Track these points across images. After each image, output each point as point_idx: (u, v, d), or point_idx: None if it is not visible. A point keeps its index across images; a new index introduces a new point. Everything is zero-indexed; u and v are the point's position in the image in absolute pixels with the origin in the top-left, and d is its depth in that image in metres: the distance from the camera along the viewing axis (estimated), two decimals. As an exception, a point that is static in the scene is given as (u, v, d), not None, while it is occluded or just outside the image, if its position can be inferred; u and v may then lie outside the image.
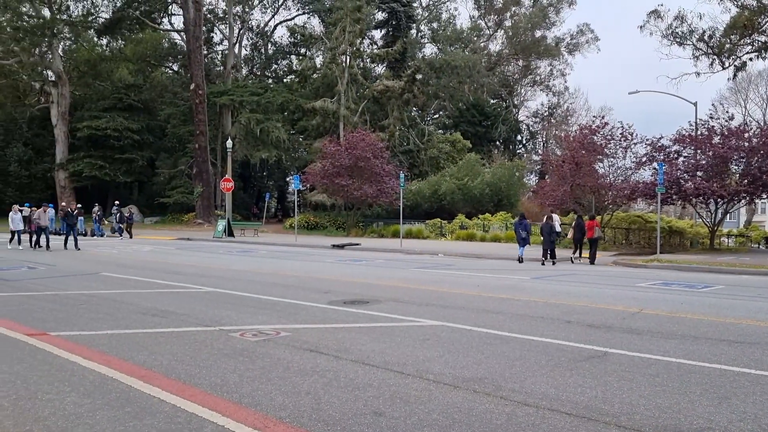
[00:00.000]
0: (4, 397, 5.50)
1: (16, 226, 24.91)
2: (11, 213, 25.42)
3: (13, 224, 24.95)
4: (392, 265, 19.22)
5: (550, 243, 20.84)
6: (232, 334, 8.14)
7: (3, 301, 11.18)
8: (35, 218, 24.84)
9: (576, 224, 22.47)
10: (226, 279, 14.51)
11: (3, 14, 48.60)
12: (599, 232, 22.24)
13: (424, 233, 34.23)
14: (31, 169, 52.61)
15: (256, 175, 61.49)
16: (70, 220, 25.56)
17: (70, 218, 25.72)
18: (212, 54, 61.64)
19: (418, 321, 9.19)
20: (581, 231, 21.91)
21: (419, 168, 47.97)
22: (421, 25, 64.81)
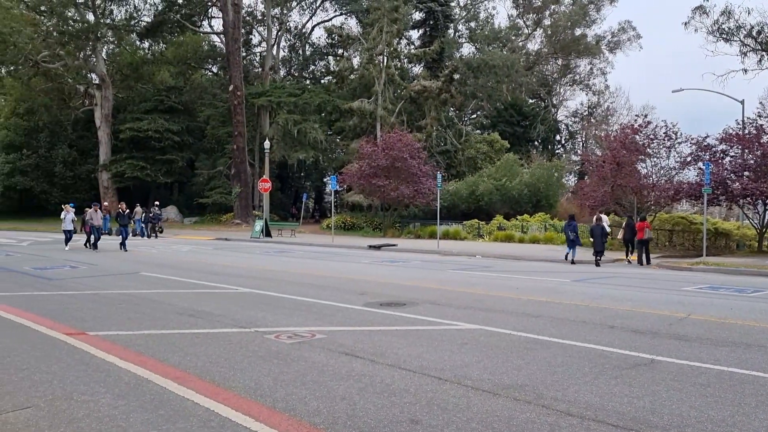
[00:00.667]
0: (40, 397, 5.51)
1: (67, 226, 24.83)
2: (63, 213, 25.47)
3: (65, 224, 24.93)
4: (429, 266, 19.03)
5: (602, 244, 20.74)
6: (267, 336, 8.07)
7: (45, 299, 11.35)
8: (88, 218, 24.72)
9: (627, 225, 22.48)
10: (263, 279, 14.52)
11: (49, 19, 49.82)
12: (650, 233, 21.83)
13: (461, 234, 33.92)
14: (76, 170, 53.80)
15: (294, 175, 61.85)
16: (123, 221, 25.51)
17: (122, 219, 25.67)
18: (251, 56, 62.23)
19: (455, 324, 9.00)
20: (632, 232, 21.84)
21: (456, 168, 47.62)
22: (458, 24, 64.40)
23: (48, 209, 52.60)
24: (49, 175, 53.24)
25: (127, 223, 25.65)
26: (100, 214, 25.36)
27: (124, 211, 26.26)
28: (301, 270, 17.08)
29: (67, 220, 24.94)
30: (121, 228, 25.25)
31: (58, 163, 53.09)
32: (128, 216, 26.20)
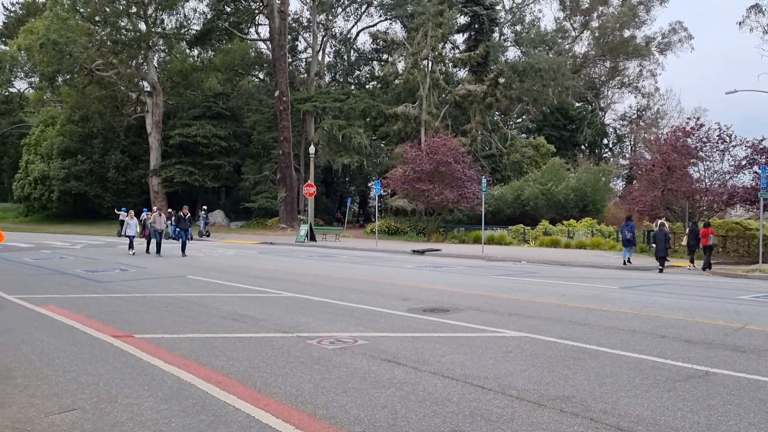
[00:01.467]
0: (86, 400, 5.58)
1: (130, 232, 24.72)
2: (127, 218, 25.34)
3: (129, 229, 24.81)
4: (473, 272, 18.82)
5: (665, 250, 20.50)
6: (309, 341, 8.05)
7: (95, 302, 11.59)
8: (151, 222, 24.52)
9: (690, 230, 22.12)
10: (306, 284, 14.56)
11: (103, 29, 51.25)
12: (714, 239, 21.32)
13: (506, 239, 33.51)
14: (128, 175, 55.17)
15: (338, 180, 62.17)
16: (183, 225, 24.47)
17: (182, 223, 24.59)
18: (296, 62, 62.86)
19: (500, 332, 8.83)
20: (696, 237, 21.52)
21: (501, 173, 47.13)
22: (503, 28, 63.85)
23: (101, 213, 54.09)
24: (103, 180, 54.71)
25: (188, 228, 24.68)
26: (163, 218, 24.96)
27: (186, 215, 24.95)
28: (344, 275, 17.09)
29: (131, 225, 24.89)
30: (182, 232, 24.24)
31: (111, 169, 54.53)
32: (190, 220, 25.21)
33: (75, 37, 46.70)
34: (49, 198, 55.57)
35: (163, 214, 25.07)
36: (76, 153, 54.72)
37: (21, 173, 58.54)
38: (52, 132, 56.58)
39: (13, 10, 71.75)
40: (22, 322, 9.50)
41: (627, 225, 22.18)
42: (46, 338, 8.31)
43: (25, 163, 58.21)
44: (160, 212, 24.82)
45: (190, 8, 58.06)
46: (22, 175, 58.26)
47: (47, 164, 55.08)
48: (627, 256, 21.86)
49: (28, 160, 57.77)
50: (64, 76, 52.12)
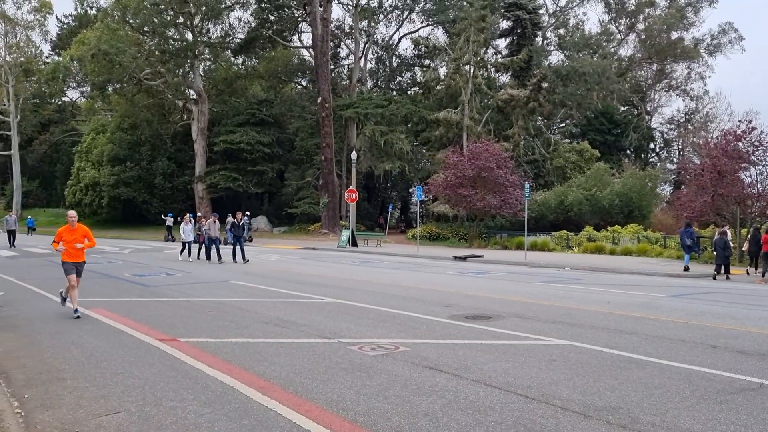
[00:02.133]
0: (132, 402, 5.68)
1: (187, 237, 24.21)
2: (183, 224, 24.90)
3: (185, 235, 24.26)
4: (516, 278, 18.60)
5: (725, 258, 20.10)
6: (350, 347, 8.05)
7: (142, 305, 11.83)
8: (206, 228, 23.87)
9: (752, 237, 21.76)
10: (348, 289, 14.59)
11: (152, 39, 52.54)
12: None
13: (549, 245, 33.05)
14: (174, 181, 56.32)
15: (380, 186, 62.29)
16: (237, 231, 23.89)
17: (236, 229, 24.03)
18: (339, 68, 63.30)
19: (543, 339, 8.69)
20: (757, 244, 21.10)
21: (545, 178, 46.55)
22: (547, 32, 63.17)
23: (148, 219, 55.30)
24: (150, 186, 55.95)
25: (242, 234, 24.06)
26: (218, 225, 24.31)
27: (240, 221, 24.44)
28: (385, 280, 17.07)
29: (187, 231, 24.38)
30: (236, 239, 23.67)
31: (158, 175, 55.72)
32: (244, 226, 24.25)
33: (125, 47, 47.98)
34: (99, 204, 57.09)
35: (217, 220, 24.34)
36: (125, 160, 56.10)
37: (73, 180, 60.30)
38: (102, 140, 58.15)
39: (66, 22, 74.26)
40: (73, 325, 9.75)
41: (687, 231, 22.41)
42: (94, 341, 8.51)
43: (76, 170, 59.95)
44: (215, 219, 24.24)
45: (235, 17, 59.02)
46: (73, 181, 60.00)
47: (98, 171, 56.60)
48: (685, 263, 21.73)
49: (80, 167, 59.47)
50: (114, 85, 53.60)
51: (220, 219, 30.06)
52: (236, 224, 24.22)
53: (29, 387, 6.26)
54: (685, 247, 22.23)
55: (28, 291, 14.14)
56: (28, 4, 66.77)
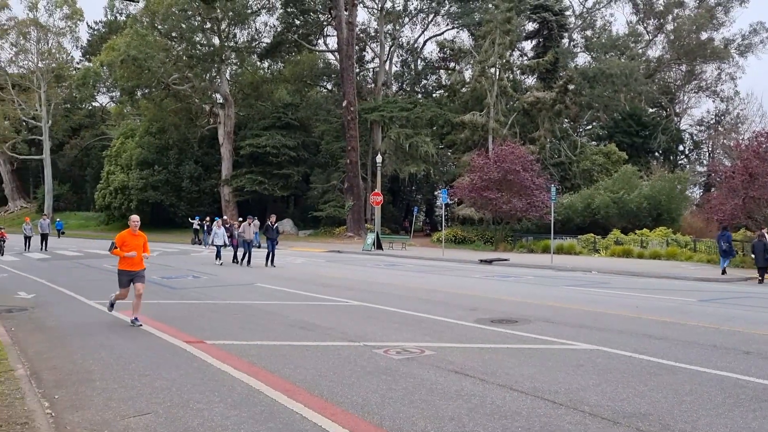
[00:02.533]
0: (159, 404, 5.73)
1: (218, 241, 23.88)
2: (214, 227, 24.62)
3: (216, 239, 23.97)
4: (542, 282, 18.43)
5: (765, 261, 19.87)
6: (376, 350, 8.04)
7: (169, 308, 11.96)
8: (240, 232, 23.49)
9: None
10: (373, 292, 14.58)
11: (180, 44, 53.22)
12: None
13: (576, 249, 32.70)
14: (200, 184, 56.88)
15: (405, 189, 62.22)
16: (272, 234, 22.92)
17: (270, 232, 23.02)
18: (364, 72, 63.42)
19: (570, 344, 8.59)
20: None
21: (571, 181, 46.10)
22: (573, 33, 62.61)
23: (175, 222, 55.92)
24: (177, 189, 56.58)
25: (276, 237, 23.20)
26: (253, 228, 23.64)
27: (273, 224, 23.48)
28: (411, 284, 17.04)
29: (219, 234, 24.06)
30: (269, 242, 22.75)
31: (185, 178, 56.34)
32: (277, 230, 23.67)
33: (153, 52, 48.65)
34: (128, 207, 57.84)
35: (252, 223, 23.66)
36: (153, 164, 56.83)
37: (102, 183, 61.24)
38: (131, 144, 59.00)
39: (97, 29, 75.49)
40: (101, 327, 9.88)
41: (723, 235, 22.20)
42: (123, 342, 8.61)
43: (106, 174, 60.89)
44: (250, 222, 23.60)
45: (261, 22, 59.46)
46: (103, 185, 60.94)
47: (126, 174, 57.42)
48: (722, 266, 21.54)
49: (109, 171, 60.40)
50: (142, 90, 54.36)
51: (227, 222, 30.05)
52: (269, 227, 23.32)
53: (59, 388, 6.35)
54: (722, 251, 22.01)
55: (59, 293, 14.37)
56: (60, 11, 68.08)
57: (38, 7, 66.83)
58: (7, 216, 75.99)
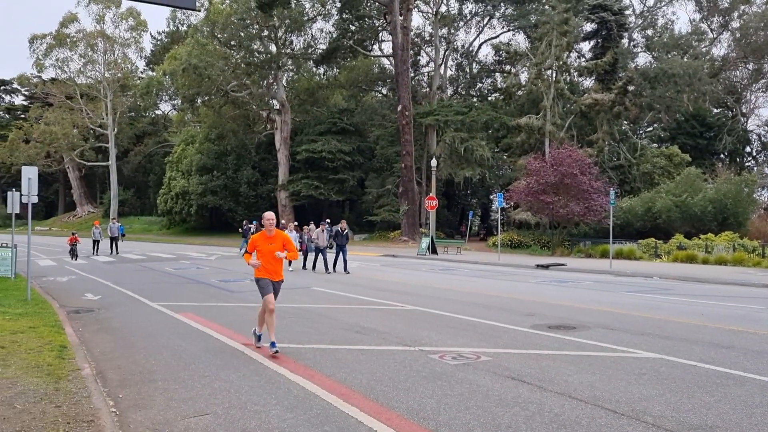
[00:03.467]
0: (218, 405, 5.84)
1: None
2: (286, 231, 23.62)
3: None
4: (601, 287, 18.01)
5: None
6: (431, 355, 8.00)
7: (227, 311, 12.19)
8: (314, 238, 22.69)
9: None
10: (428, 297, 14.53)
11: (238, 52, 54.43)
12: None
13: (636, 254, 31.84)
14: (258, 189, 57.96)
15: (460, 193, 61.89)
16: (341, 241, 22.24)
17: (340, 238, 22.33)
18: (419, 76, 63.46)
19: (632, 352, 8.35)
20: None
21: (631, 184, 44.96)
22: (633, 33, 61.12)
23: (233, 226, 57.10)
24: (235, 194, 57.79)
25: (346, 243, 22.47)
26: (326, 234, 22.79)
27: (344, 230, 22.67)
28: (466, 288, 16.91)
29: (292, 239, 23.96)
30: (339, 248, 22.21)
31: (243, 184, 57.49)
32: (347, 236, 22.86)
33: (213, 61, 49.90)
34: (188, 212, 59.48)
35: (325, 228, 22.98)
36: (213, 169, 58.21)
37: (164, 189, 63.13)
38: (191, 150, 60.62)
39: (160, 39, 77.94)
40: (163, 328, 10.15)
41: None
42: (183, 344, 8.82)
43: (168, 180, 62.74)
44: (324, 228, 22.93)
45: (317, 29, 60.46)
46: (165, 190, 62.81)
47: (187, 180, 59.01)
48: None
49: (171, 177, 62.21)
50: (202, 97, 55.78)
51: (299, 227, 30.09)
52: (339, 233, 22.60)
53: (123, 387, 6.55)
54: None
55: (124, 295, 14.84)
56: (125, 23, 70.59)
57: (105, 20, 69.52)
58: (76, 220, 79.17)
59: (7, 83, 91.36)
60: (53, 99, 72.38)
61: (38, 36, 69.33)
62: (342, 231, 22.62)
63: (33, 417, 5.22)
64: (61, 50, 69.46)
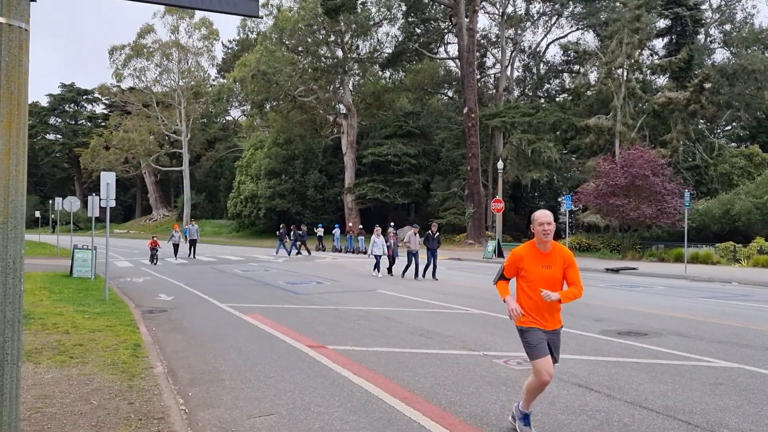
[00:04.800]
0: (283, 405, 5.93)
1: (378, 251, 21.95)
2: (373, 236, 22.63)
3: (376, 248, 22.02)
4: (674, 292, 17.36)
5: None
6: (495, 360, 7.89)
7: (293, 312, 12.38)
8: (405, 241, 21.37)
9: None
10: (493, 301, 14.35)
11: (305, 58, 55.39)
12: None
13: (712, 258, 30.56)
14: (324, 193, 58.77)
15: (527, 195, 61.01)
16: (432, 245, 20.77)
17: (431, 242, 20.80)
18: (485, 78, 62.94)
19: (707, 361, 8.01)
20: None
21: (707, 185, 43.22)
22: (710, 28, 58.78)
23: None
24: (303, 197, 58.78)
25: (437, 248, 21.01)
26: (418, 237, 21.47)
27: (435, 233, 21.05)
28: (533, 293, 16.57)
29: (378, 244, 22.08)
30: (430, 252, 20.81)
31: (310, 187, 58.41)
32: (438, 240, 21.25)
33: (281, 67, 50.94)
34: (257, 215, 60.84)
35: (417, 232, 21.48)
36: (280, 173, 59.38)
37: (234, 192, 64.80)
38: (260, 154, 62.03)
39: (230, 47, 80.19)
40: (231, 329, 10.39)
41: None
42: (250, 345, 9.01)
43: (237, 184, 64.38)
44: (416, 231, 21.36)
45: (383, 33, 60.82)
46: (235, 194, 64.47)
47: (256, 184, 60.39)
48: None
49: (240, 181, 63.81)
50: (271, 103, 57.04)
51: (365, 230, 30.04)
52: (430, 236, 20.95)
53: (193, 386, 6.74)
54: None
55: (195, 296, 15.28)
56: (198, 32, 72.92)
57: (179, 30, 72.00)
58: (152, 224, 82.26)
59: (89, 93, 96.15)
60: (131, 107, 75.57)
61: (117, 47, 72.45)
62: (433, 234, 21.01)
63: (108, 413, 5.44)
64: (138, 60, 72.34)
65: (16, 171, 3.15)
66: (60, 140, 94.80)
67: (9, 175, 3.12)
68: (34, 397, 5.86)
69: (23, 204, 3.19)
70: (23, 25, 3.20)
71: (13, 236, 3.13)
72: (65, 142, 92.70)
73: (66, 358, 7.59)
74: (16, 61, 3.18)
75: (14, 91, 3.14)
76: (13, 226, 3.14)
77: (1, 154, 3.08)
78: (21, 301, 3.17)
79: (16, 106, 3.15)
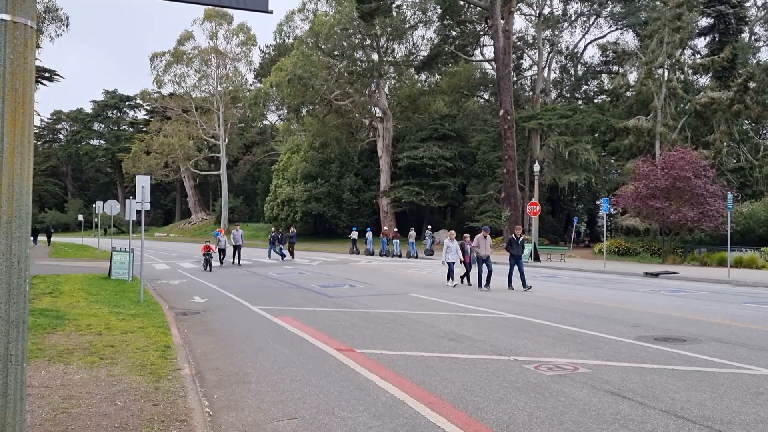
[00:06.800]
0: (307, 409, 5.87)
1: (451, 258, 19.69)
2: (446, 241, 20.47)
3: (449, 254, 19.78)
4: (716, 298, 16.84)
5: None
6: (526, 365, 7.72)
7: (324, 315, 12.36)
8: (474, 246, 19.46)
9: None
10: (526, 305, 14.12)
11: (341, 62, 55.66)
12: None
13: (757, 262, 29.63)
14: (360, 196, 58.92)
15: (565, 198, 60.17)
16: (516, 250, 18.57)
17: (514, 247, 18.64)
18: (521, 80, 62.33)
19: (748, 369, 7.70)
20: None
21: (752, 188, 42.00)
22: (755, 26, 57.21)
23: (337, 232, 58.32)
24: (338, 201, 59.02)
25: (521, 254, 18.83)
26: (489, 241, 19.57)
27: (519, 237, 19.14)
28: (568, 297, 16.30)
29: (452, 249, 19.84)
30: (514, 259, 18.61)
31: (346, 191, 58.62)
32: (523, 245, 19.32)
33: (317, 71, 51.26)
34: (293, 218, 61.25)
35: (488, 236, 19.48)
36: (317, 177, 59.72)
37: (271, 196, 65.40)
38: (296, 158, 62.50)
39: (267, 52, 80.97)
40: (261, 331, 10.41)
41: None
42: (279, 347, 8.99)
43: (274, 187, 64.98)
44: (486, 235, 19.39)
45: (418, 36, 60.52)
46: (271, 197, 65.06)
47: (292, 187, 60.85)
48: None
49: (277, 184, 64.38)
50: (307, 107, 57.40)
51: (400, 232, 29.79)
52: (513, 241, 18.87)
53: (219, 388, 6.74)
54: None
55: (228, 298, 15.39)
56: (236, 38, 73.92)
57: (218, 36, 73.09)
58: (190, 227, 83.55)
59: (131, 99, 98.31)
60: (171, 112, 76.97)
61: (158, 54, 73.90)
62: (517, 239, 18.87)
63: (131, 414, 5.46)
64: (178, 66, 73.65)
65: (21, 170, 3.15)
66: (103, 145, 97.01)
67: (14, 173, 3.12)
68: (61, 397, 5.92)
69: (29, 203, 3.19)
70: (29, 23, 3.20)
71: (17, 235, 3.12)
72: (108, 147, 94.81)
73: (96, 359, 7.67)
74: (21, 59, 3.17)
75: (19, 89, 3.14)
76: (18, 225, 3.13)
77: (6, 153, 3.08)
78: (26, 301, 3.17)
79: (21, 104, 3.15)
